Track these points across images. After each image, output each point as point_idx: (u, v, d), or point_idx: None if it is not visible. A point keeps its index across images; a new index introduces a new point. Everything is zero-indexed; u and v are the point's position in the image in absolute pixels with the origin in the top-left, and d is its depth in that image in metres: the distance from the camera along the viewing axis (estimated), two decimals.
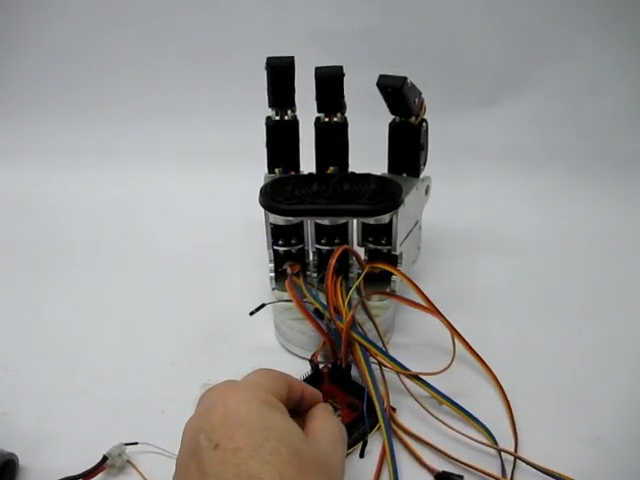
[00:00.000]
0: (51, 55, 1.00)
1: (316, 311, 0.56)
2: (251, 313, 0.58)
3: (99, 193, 0.94)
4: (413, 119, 0.64)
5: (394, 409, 0.52)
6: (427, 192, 0.69)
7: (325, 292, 0.56)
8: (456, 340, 0.54)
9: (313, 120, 0.65)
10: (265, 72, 0.62)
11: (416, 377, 0.54)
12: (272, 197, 0.58)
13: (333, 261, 0.56)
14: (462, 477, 0.46)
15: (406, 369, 0.54)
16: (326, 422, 0.42)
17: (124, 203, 0.91)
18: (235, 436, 0.35)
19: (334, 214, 0.59)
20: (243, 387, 0.40)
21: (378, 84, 0.60)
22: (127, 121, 1.00)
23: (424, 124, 0.65)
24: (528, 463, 0.46)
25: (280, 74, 0.62)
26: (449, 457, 0.48)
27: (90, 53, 0.99)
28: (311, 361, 0.55)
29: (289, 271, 0.61)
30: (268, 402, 0.38)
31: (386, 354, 0.54)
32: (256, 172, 0.67)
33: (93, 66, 1.00)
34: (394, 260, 0.61)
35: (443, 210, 0.75)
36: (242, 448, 0.34)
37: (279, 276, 0.62)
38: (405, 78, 0.60)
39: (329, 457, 0.39)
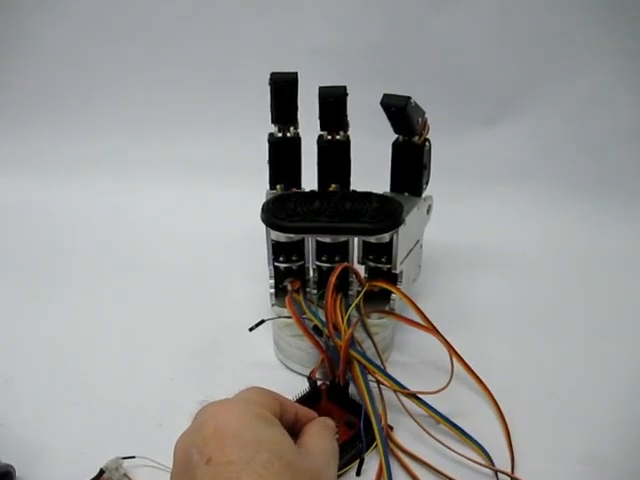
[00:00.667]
0: (52, 66, 1.01)
1: (315, 328, 0.56)
2: (250, 329, 0.58)
3: (99, 205, 0.94)
4: (416, 138, 0.64)
5: (391, 427, 0.52)
6: (429, 211, 0.70)
7: (324, 309, 0.56)
8: (454, 359, 0.55)
9: (316, 136, 0.66)
10: (268, 87, 0.63)
11: (414, 396, 0.53)
12: (274, 214, 0.59)
13: (333, 278, 0.56)
14: None
15: (404, 388, 0.54)
16: (319, 438, 0.43)
17: (124, 216, 0.91)
18: (227, 449, 0.35)
19: (335, 232, 0.59)
20: (236, 402, 0.40)
21: (382, 103, 0.61)
22: (128, 133, 1.01)
23: (427, 144, 0.66)
24: None
25: (283, 89, 0.63)
26: (446, 477, 0.48)
27: (91, 66, 1.00)
28: (309, 378, 0.55)
29: (289, 287, 0.61)
30: (262, 416, 0.39)
31: (384, 372, 0.54)
32: (257, 187, 0.67)
33: (95, 79, 1.01)
34: (394, 278, 0.62)
35: (444, 228, 0.75)
36: (234, 462, 0.34)
37: (279, 292, 0.63)
38: (409, 98, 0.60)
39: (322, 469, 0.39)
